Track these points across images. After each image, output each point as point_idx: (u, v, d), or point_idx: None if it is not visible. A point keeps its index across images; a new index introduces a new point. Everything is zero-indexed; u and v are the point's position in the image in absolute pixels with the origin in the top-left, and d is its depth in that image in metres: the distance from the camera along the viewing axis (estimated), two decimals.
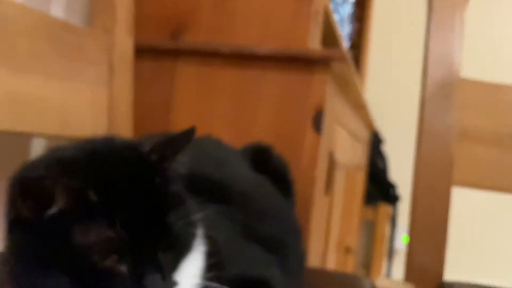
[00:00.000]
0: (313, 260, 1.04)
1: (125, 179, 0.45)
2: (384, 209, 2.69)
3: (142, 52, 1.07)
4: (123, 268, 0.43)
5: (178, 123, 1.10)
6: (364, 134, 2.21)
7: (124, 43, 1.03)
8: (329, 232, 1.33)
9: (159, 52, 1.12)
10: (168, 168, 0.49)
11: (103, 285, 0.43)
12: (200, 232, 0.53)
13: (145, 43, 1.08)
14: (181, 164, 0.71)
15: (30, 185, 0.41)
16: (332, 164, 1.22)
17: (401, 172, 2.76)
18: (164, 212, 0.46)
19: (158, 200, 0.46)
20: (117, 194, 0.44)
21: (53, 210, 0.42)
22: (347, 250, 1.74)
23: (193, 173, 0.66)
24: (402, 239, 2.83)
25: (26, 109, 0.84)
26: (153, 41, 1.12)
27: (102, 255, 0.42)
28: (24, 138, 0.89)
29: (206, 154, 0.74)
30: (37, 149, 1.00)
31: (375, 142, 2.66)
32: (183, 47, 1.12)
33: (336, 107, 1.19)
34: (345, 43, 1.87)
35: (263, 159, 0.80)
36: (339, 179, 1.44)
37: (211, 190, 0.62)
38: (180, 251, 0.48)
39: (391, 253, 2.88)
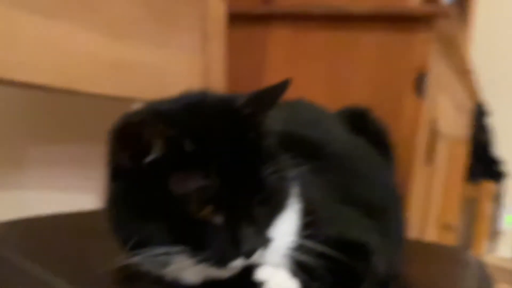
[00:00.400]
0: (411, 233, 0.98)
1: (219, 132, 0.44)
2: (488, 186, 2.49)
3: (234, 18, 1.06)
4: (218, 220, 0.43)
5: None
6: (467, 104, 2.05)
7: (217, 9, 1.03)
8: (428, 206, 1.25)
9: (251, 17, 1.11)
10: (261, 123, 0.47)
11: (199, 235, 0.43)
12: (295, 190, 0.51)
13: (237, 9, 1.07)
14: (275, 120, 0.70)
15: (129, 131, 0.42)
16: (434, 133, 1.14)
17: (508, 147, 2.54)
18: (258, 166, 0.44)
19: (252, 154, 0.45)
20: (212, 145, 0.43)
21: (150, 157, 0.42)
22: (447, 227, 1.63)
23: (287, 132, 0.64)
24: (507, 220, 2.61)
25: (128, 74, 0.87)
26: (245, 7, 1.11)
27: (198, 205, 0.42)
28: (125, 103, 0.92)
29: (299, 115, 0.71)
30: None
31: (479, 114, 2.46)
32: (275, 11, 1.09)
33: (439, 71, 1.10)
34: None
35: (360, 122, 0.75)
36: (441, 150, 1.35)
37: (305, 149, 0.60)
38: (274, 207, 0.47)
39: (493, 234, 2.67)
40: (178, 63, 0.96)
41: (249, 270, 0.46)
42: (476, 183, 2.46)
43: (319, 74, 1.04)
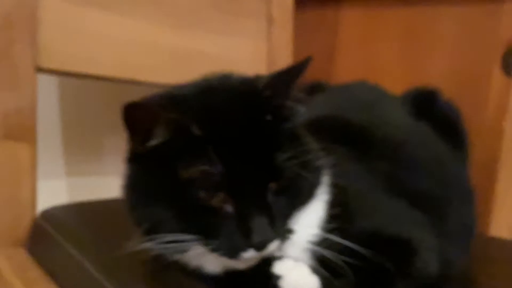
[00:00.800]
0: (499, 231, 0.87)
1: (235, 115, 0.42)
2: None
3: (303, 1, 1.02)
4: (229, 209, 0.41)
5: (342, 72, 1.03)
6: None
7: None
8: None
9: None
10: (283, 105, 0.44)
11: (210, 224, 0.41)
12: (325, 179, 0.47)
13: None
14: (322, 104, 0.66)
15: (135, 115, 0.41)
16: None
17: None
18: (273, 152, 0.41)
19: (268, 138, 0.42)
20: (223, 130, 0.41)
21: (154, 141, 0.41)
22: None
23: (332, 116, 0.60)
24: None
25: (188, 63, 0.88)
26: None
27: (207, 192, 0.40)
28: None
29: (352, 98, 0.66)
30: None
31: None
32: None
33: None
34: None
35: (426, 105, 0.67)
36: None
37: (349, 134, 0.55)
38: (295, 197, 0.43)
39: None
40: (242, 50, 0.95)
41: (269, 262, 0.44)
42: None
43: (394, 55, 0.96)
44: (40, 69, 0.70)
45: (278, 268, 0.43)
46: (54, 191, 0.98)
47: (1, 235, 0.67)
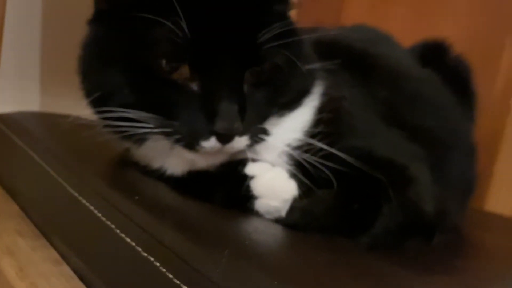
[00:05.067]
0: (499, 208, 0.81)
1: None
2: None
3: None
4: (195, 87, 0.35)
5: None
6: None
7: None
8: None
9: None
10: None
11: (170, 102, 0.35)
12: (317, 90, 0.41)
13: None
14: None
15: None
16: None
17: None
18: (259, 30, 0.35)
19: (255, 13, 0.36)
20: None
21: None
22: None
23: (330, 39, 0.54)
24: None
25: None
26: None
27: (170, 63, 0.34)
28: None
29: (359, 33, 0.60)
30: None
31: None
32: None
33: None
34: None
35: (435, 54, 0.62)
36: None
37: (347, 56, 0.49)
38: (276, 95, 0.38)
39: None
40: None
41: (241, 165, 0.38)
42: None
43: (403, 17, 0.91)
44: None
45: (250, 168, 0.37)
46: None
47: None
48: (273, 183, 0.36)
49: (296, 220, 0.36)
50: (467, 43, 0.84)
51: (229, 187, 0.37)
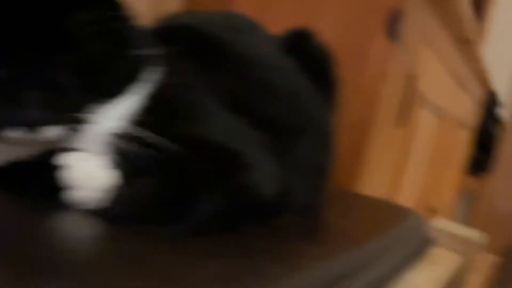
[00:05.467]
0: (371, 190, 0.86)
1: None
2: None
3: None
4: (3, 73, 0.33)
5: None
6: (476, 90, 1.89)
7: None
8: (400, 175, 1.12)
9: None
10: None
11: None
12: (149, 76, 0.40)
13: None
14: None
15: None
16: (411, 93, 1.01)
17: None
18: (72, 10, 0.33)
19: None
20: None
21: None
22: (431, 211, 1.50)
23: (177, 26, 0.53)
24: None
25: None
26: None
27: None
28: None
29: (218, 19, 0.60)
30: None
31: (490, 104, 2.29)
32: None
33: (422, 19, 0.97)
34: None
35: (297, 42, 0.63)
36: (425, 120, 1.21)
37: (194, 44, 0.49)
38: (95, 82, 0.36)
39: None
40: None
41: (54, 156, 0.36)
42: (479, 176, 2.30)
43: (282, 11, 0.93)
44: None
45: (63, 158, 0.36)
46: None
47: None
48: (87, 174, 0.35)
49: (113, 210, 0.35)
50: (340, 33, 0.88)
51: (43, 178, 0.35)
